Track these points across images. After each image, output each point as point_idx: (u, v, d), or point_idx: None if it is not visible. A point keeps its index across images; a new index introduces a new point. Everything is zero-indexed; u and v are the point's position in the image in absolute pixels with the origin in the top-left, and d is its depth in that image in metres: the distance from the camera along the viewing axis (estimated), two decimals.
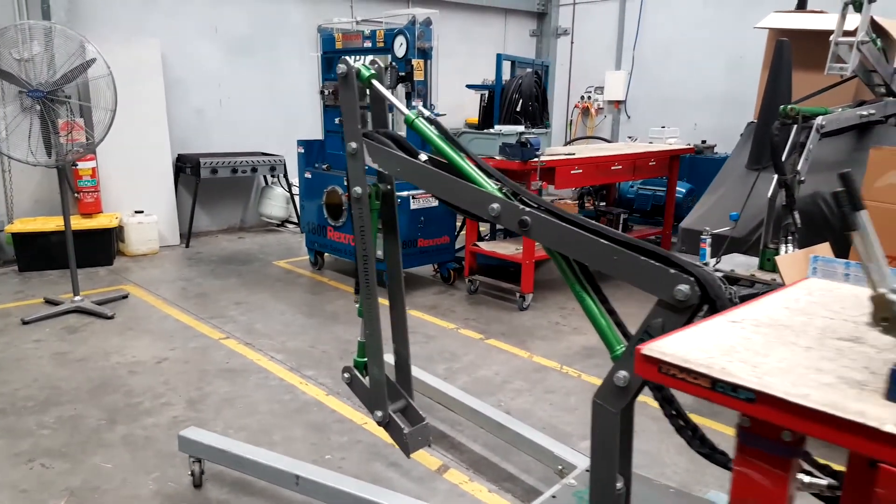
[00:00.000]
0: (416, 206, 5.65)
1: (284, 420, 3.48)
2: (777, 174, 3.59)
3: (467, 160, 2.38)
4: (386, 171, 2.58)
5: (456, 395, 3.29)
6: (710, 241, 3.73)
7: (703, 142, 8.15)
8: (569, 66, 11.31)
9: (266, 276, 6.25)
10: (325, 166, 6.13)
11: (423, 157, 2.46)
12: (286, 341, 4.57)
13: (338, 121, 5.92)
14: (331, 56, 6.20)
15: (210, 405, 3.65)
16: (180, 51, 7.51)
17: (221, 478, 2.95)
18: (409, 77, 5.27)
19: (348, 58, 2.63)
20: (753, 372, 1.09)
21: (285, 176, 7.88)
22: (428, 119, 2.50)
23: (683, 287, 1.74)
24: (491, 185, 2.28)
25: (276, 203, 8.04)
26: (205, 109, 7.86)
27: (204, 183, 7.44)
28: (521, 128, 5.48)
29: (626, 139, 9.26)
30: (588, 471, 1.98)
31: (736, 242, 4.07)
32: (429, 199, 5.65)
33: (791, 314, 1.39)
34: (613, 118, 10.78)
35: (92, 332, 4.74)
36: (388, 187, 2.76)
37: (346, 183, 2.69)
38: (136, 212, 6.94)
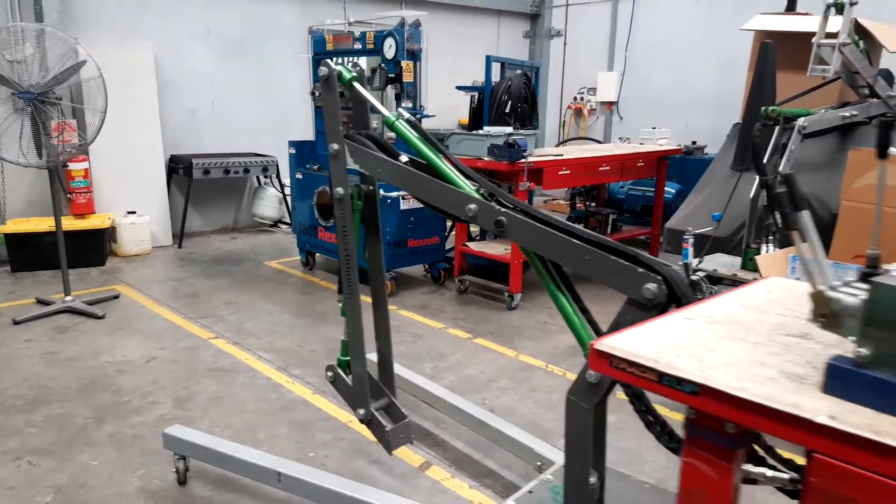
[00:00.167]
0: (406, 206, 5.68)
1: (270, 418, 3.52)
2: (759, 175, 3.64)
3: (446, 161, 2.43)
4: (367, 172, 2.62)
5: (440, 393, 3.33)
6: (693, 240, 3.77)
7: (694, 142, 8.20)
8: (562, 68, 11.37)
9: (257, 276, 6.28)
10: (316, 167, 6.17)
11: (403, 158, 2.50)
12: (274, 341, 4.61)
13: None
14: (322, 57, 6.22)
15: (197, 404, 3.69)
16: (173, 52, 7.54)
17: (206, 475, 2.99)
18: (398, 78, 5.31)
19: (330, 60, 2.68)
20: (698, 366, 1.13)
21: (278, 176, 7.91)
22: (408, 121, 2.54)
23: (651, 286, 1.78)
24: (469, 187, 2.32)
25: (269, 203, 8.07)
26: (197, 110, 7.89)
27: (196, 183, 7.47)
28: (509, 129, 5.51)
29: (618, 140, 9.30)
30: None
31: (719, 242, 4.12)
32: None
33: (746, 311, 1.43)
34: (606, 119, 10.83)
35: (82, 332, 4.77)
36: (371, 188, 2.79)
37: (330, 184, 2.73)
38: (129, 212, 6.97)
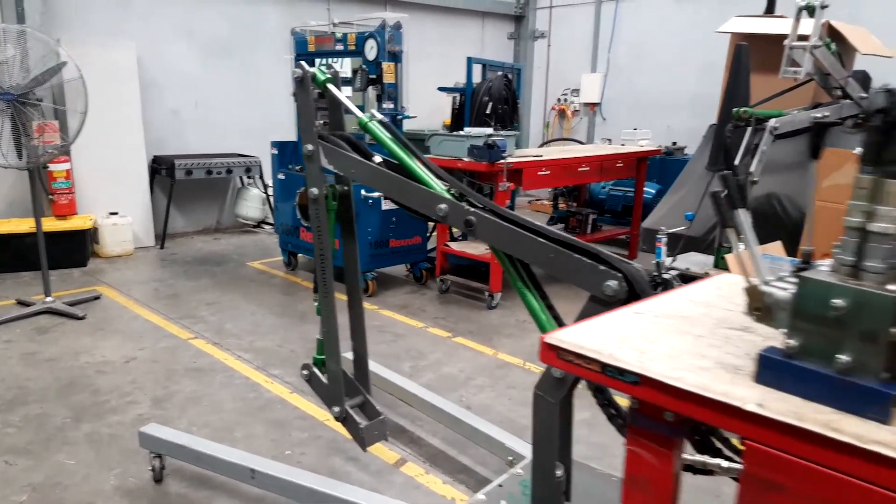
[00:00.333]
0: (388, 206, 5.72)
1: (247, 417, 3.54)
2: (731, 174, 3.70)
3: (418, 162, 2.47)
4: (340, 172, 2.65)
5: (416, 391, 3.37)
6: (666, 240, 3.83)
7: (674, 143, 8.28)
8: (546, 69, 11.44)
9: (239, 276, 6.29)
10: (298, 168, 6.19)
11: (377, 159, 2.54)
12: (255, 341, 4.63)
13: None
14: (304, 58, 6.25)
15: (175, 403, 3.70)
16: (156, 53, 7.54)
17: (182, 473, 3.01)
18: (379, 80, 5.35)
19: (304, 62, 2.71)
20: (640, 357, 1.18)
21: (261, 177, 7.92)
22: (381, 122, 2.58)
23: (612, 283, 1.84)
24: (440, 187, 2.36)
25: (252, 204, 8.08)
26: (181, 111, 7.89)
27: (179, 184, 7.47)
28: (489, 130, 5.56)
29: (601, 141, 9.38)
30: None
31: (693, 241, 4.18)
32: None
33: (694, 306, 1.48)
34: (589, 120, 10.91)
35: (62, 333, 4.77)
36: (346, 188, 2.83)
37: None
38: (111, 213, 6.96)
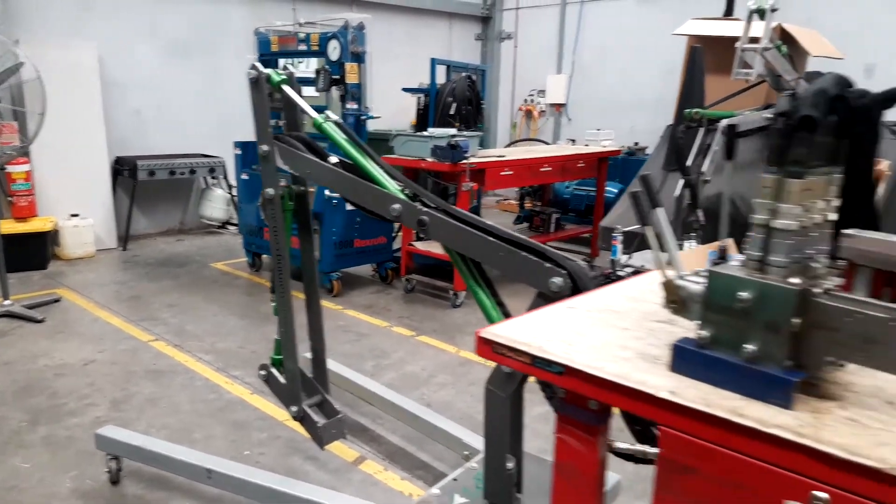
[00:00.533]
0: (353, 206, 5.72)
1: (207, 419, 3.54)
2: (682, 175, 3.79)
3: (372, 163, 2.50)
4: (296, 172, 2.67)
5: (376, 389, 3.40)
6: (622, 238, 3.91)
7: (636, 143, 8.41)
8: (512, 70, 11.53)
9: (202, 278, 6.25)
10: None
11: (333, 159, 2.56)
12: (216, 342, 4.61)
13: (275, 122, 5.98)
14: (268, 58, 6.24)
15: (134, 405, 3.68)
16: (118, 53, 7.45)
17: (139, 474, 3.00)
18: (342, 80, 5.36)
19: (258, 63, 2.72)
20: (566, 349, 1.22)
21: (225, 177, 7.87)
22: (335, 123, 2.61)
23: (557, 279, 1.90)
24: (394, 187, 2.40)
25: (216, 205, 8.02)
26: (143, 111, 7.81)
27: (142, 185, 7.39)
28: (452, 130, 5.61)
29: (566, 141, 9.48)
30: None
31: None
32: None
33: (625, 301, 1.53)
34: (555, 120, 11.02)
35: (20, 336, 4.70)
36: (302, 189, 2.85)
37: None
38: (72, 215, 6.86)
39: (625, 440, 1.44)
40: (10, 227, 6.12)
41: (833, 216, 1.10)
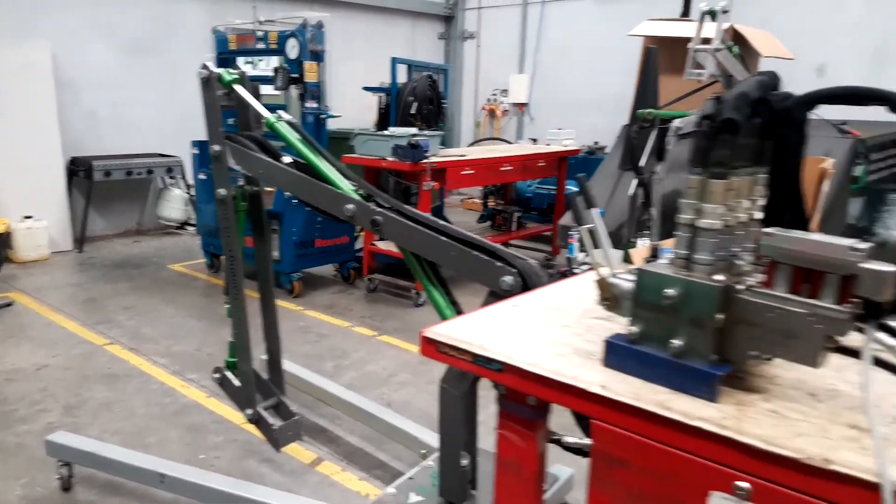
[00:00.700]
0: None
1: (161, 423, 3.49)
2: (636, 174, 3.86)
3: (326, 163, 2.49)
4: (248, 173, 2.65)
5: (334, 390, 3.39)
6: (579, 236, 3.97)
7: (596, 143, 8.52)
8: (476, 69, 11.57)
9: (159, 279, 6.15)
10: None
11: (286, 159, 2.55)
12: (172, 345, 4.55)
13: (231, 121, 5.92)
14: (226, 57, 6.17)
15: (87, 410, 3.61)
16: (73, 52, 7.28)
17: (92, 481, 2.95)
18: (301, 79, 5.32)
19: (209, 63, 2.70)
20: (506, 347, 1.24)
21: (183, 177, 7.76)
22: (288, 122, 2.59)
23: (507, 278, 1.92)
24: (348, 187, 2.40)
25: (174, 205, 7.90)
26: (99, 111, 7.65)
27: (98, 186, 7.24)
28: (413, 130, 5.61)
29: (529, 140, 9.56)
30: None
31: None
32: None
33: (568, 298, 1.56)
34: (518, 120, 11.09)
35: None
36: (256, 189, 2.82)
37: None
38: (26, 217, 6.68)
39: (578, 435, 1.47)
40: None
41: (759, 215, 1.14)
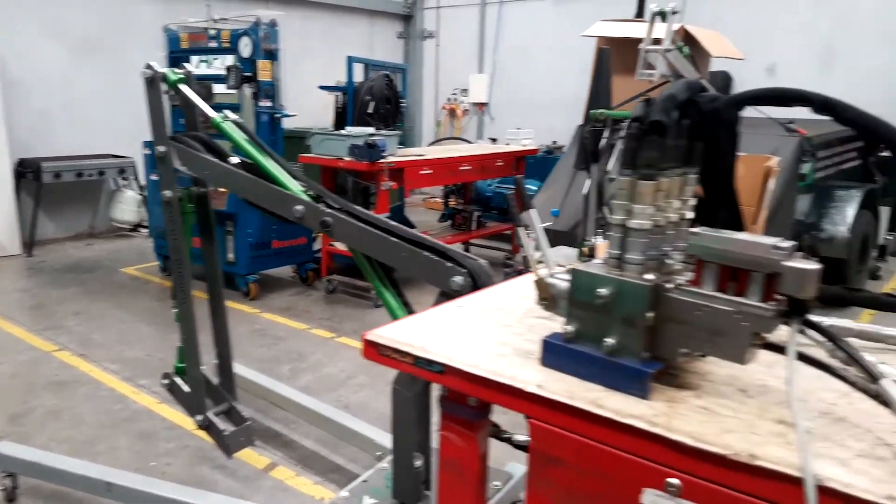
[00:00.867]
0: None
1: (111, 430, 3.41)
2: (589, 174, 3.90)
3: (274, 163, 2.46)
4: (194, 174, 2.61)
5: (288, 394, 3.35)
6: (535, 235, 4.00)
7: (554, 142, 8.59)
8: (435, 69, 11.57)
9: (111, 283, 6.01)
10: None
11: (234, 160, 2.51)
12: (123, 351, 4.45)
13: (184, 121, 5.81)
14: (178, 56, 6.05)
15: (34, 419, 3.51)
16: (20, 51, 7.09)
17: (38, 491, 2.87)
18: (254, 77, 5.25)
19: (153, 62, 2.65)
20: (447, 348, 1.24)
21: (136, 178, 7.59)
22: (235, 122, 2.56)
23: (458, 278, 1.92)
24: (297, 188, 2.37)
25: (128, 207, 7.73)
26: (49, 111, 7.45)
27: (48, 188, 7.05)
28: (370, 129, 5.58)
29: (487, 140, 9.59)
30: None
31: (561, 236, 4.37)
32: None
33: (513, 298, 1.56)
34: (479, 119, 11.13)
35: None
36: (203, 190, 2.78)
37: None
38: None
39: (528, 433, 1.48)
40: None
41: (690, 214, 1.16)
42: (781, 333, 1.00)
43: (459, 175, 6.30)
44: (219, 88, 5.72)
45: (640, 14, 7.21)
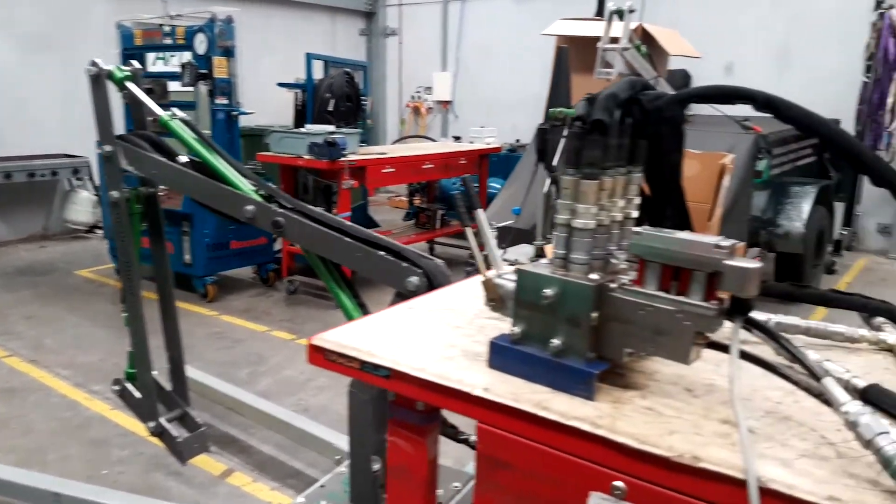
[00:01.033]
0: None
1: (62, 438, 3.31)
2: (548, 172, 3.90)
3: (224, 162, 2.41)
4: (141, 174, 2.54)
5: (244, 398, 3.29)
6: (496, 233, 3.99)
7: (517, 140, 8.62)
8: (399, 66, 11.51)
9: (65, 287, 5.85)
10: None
11: (182, 159, 2.44)
12: (76, 356, 4.33)
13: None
14: (132, 53, 5.91)
15: None
16: None
17: None
18: (210, 75, 5.15)
19: (98, 60, 2.56)
20: (394, 352, 1.21)
21: (91, 178, 7.40)
22: (183, 120, 2.49)
23: (413, 279, 1.89)
24: (247, 187, 2.32)
25: (82, 208, 7.54)
26: None
27: None
28: (330, 127, 5.52)
29: (451, 138, 9.57)
30: None
31: (523, 234, 4.38)
32: None
33: (465, 299, 1.54)
34: (443, 117, 11.11)
35: None
36: (151, 190, 2.70)
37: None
38: None
39: None
40: None
41: (635, 213, 1.15)
42: (728, 332, 1.00)
43: (422, 173, 6.28)
44: (174, 86, 5.61)
45: (599, 13, 7.24)
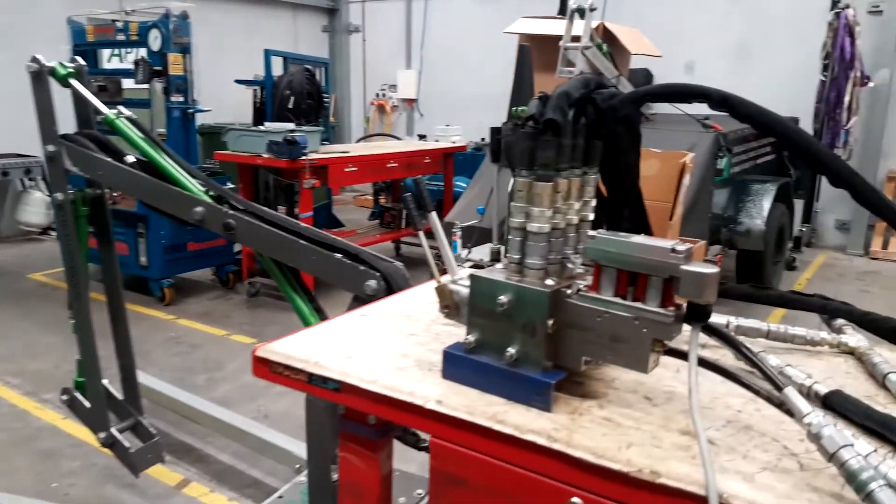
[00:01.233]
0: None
1: (10, 450, 3.18)
2: (512, 172, 3.87)
3: (172, 162, 2.32)
4: (87, 174, 2.43)
5: (200, 406, 3.19)
6: (461, 233, 3.94)
7: (483, 139, 8.57)
8: (362, 64, 11.39)
9: (17, 291, 5.65)
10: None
11: (130, 159, 2.35)
12: (27, 363, 4.17)
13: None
14: (85, 49, 5.73)
15: None
16: None
17: None
18: (164, 72, 5.01)
19: (39, 56, 2.45)
20: (344, 363, 1.15)
21: (44, 178, 7.16)
22: (129, 119, 2.40)
23: (371, 282, 1.84)
24: (197, 188, 2.24)
25: (35, 209, 7.28)
26: None
27: None
28: (290, 125, 5.41)
29: (415, 136, 9.51)
30: None
31: (487, 233, 4.34)
32: None
33: (421, 304, 1.49)
34: (408, 116, 11.03)
35: None
36: (98, 192, 2.60)
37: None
38: None
39: None
40: None
41: (591, 216, 1.11)
42: (688, 335, 0.96)
43: (386, 172, 6.21)
44: (129, 83, 5.46)
45: (562, 11, 7.25)
